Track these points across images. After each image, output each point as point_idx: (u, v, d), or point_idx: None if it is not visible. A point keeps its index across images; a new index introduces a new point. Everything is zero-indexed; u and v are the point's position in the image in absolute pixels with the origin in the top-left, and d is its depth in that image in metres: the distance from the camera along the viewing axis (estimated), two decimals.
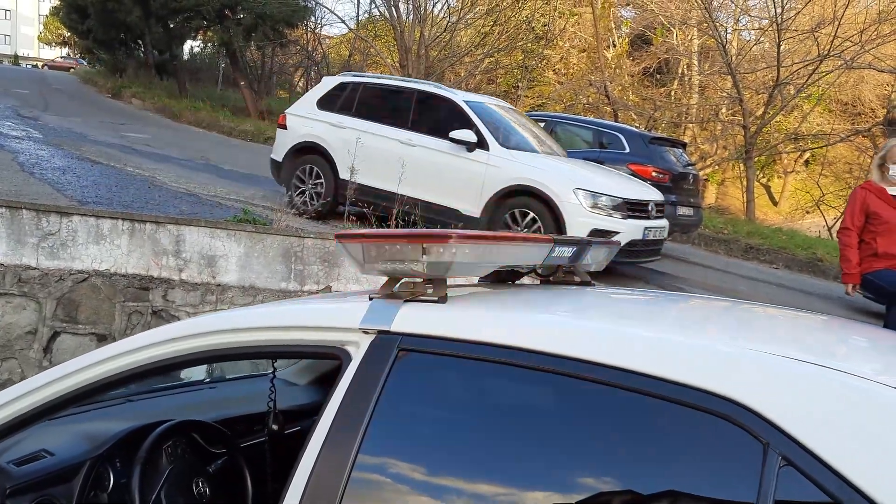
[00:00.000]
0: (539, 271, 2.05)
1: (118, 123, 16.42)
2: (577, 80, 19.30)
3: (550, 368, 1.37)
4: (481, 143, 7.29)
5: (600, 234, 6.56)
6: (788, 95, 12.47)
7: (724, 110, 14.65)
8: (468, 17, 19.79)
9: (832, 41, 12.03)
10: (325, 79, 9.09)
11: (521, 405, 1.48)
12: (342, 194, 7.81)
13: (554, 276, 2.08)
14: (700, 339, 1.46)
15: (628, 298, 2.06)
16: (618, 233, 6.74)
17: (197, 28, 24.81)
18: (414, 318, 1.51)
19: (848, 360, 1.46)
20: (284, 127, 8.74)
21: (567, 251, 1.90)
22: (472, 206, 7.23)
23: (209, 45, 28.39)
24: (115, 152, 11.53)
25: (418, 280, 1.57)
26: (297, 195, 8.36)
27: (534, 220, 6.91)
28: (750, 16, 14.89)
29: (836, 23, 12.07)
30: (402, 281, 1.60)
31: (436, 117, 7.80)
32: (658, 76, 18.73)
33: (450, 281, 1.63)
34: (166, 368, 1.80)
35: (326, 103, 8.53)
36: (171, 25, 23.75)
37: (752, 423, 1.15)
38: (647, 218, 7.15)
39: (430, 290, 1.56)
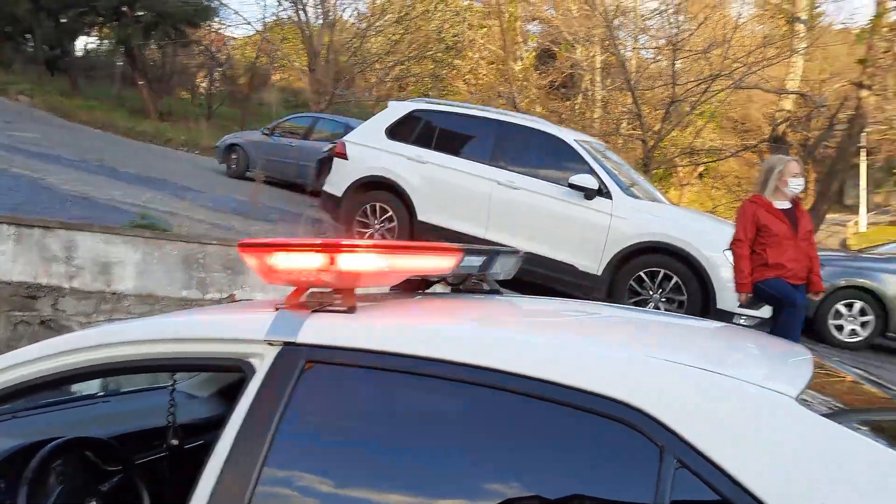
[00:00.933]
0: (449, 280, 2.06)
1: (3, 121, 15.43)
2: (487, 90, 19.60)
3: (458, 377, 1.38)
4: (601, 191, 6.42)
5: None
6: (683, 112, 13.11)
7: (624, 124, 15.24)
8: (378, 24, 19.75)
9: (723, 62, 12.75)
10: (392, 104, 8.04)
11: (430, 415, 1.48)
12: (419, 238, 6.97)
13: (464, 285, 2.11)
14: (600, 345, 1.51)
15: (534, 307, 2.11)
16: None
17: (91, 24, 23.68)
18: (322, 329, 1.49)
19: (739, 365, 1.54)
20: (344, 156, 7.63)
21: (476, 260, 1.93)
22: (591, 262, 6.39)
23: (105, 42, 27.12)
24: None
25: (326, 290, 1.55)
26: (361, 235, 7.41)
27: (672, 282, 6.08)
28: (648, 35, 15.59)
29: (727, 45, 12.80)
30: (310, 291, 1.57)
31: (542, 157, 6.95)
32: (563, 90, 19.27)
33: (361, 290, 1.62)
34: (56, 383, 1.71)
35: (398, 133, 7.46)
36: (63, 20, 22.56)
37: (649, 428, 1.20)
38: None
39: (338, 300, 1.54)
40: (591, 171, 6.51)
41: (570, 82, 18.76)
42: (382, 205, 7.32)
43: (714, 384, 1.24)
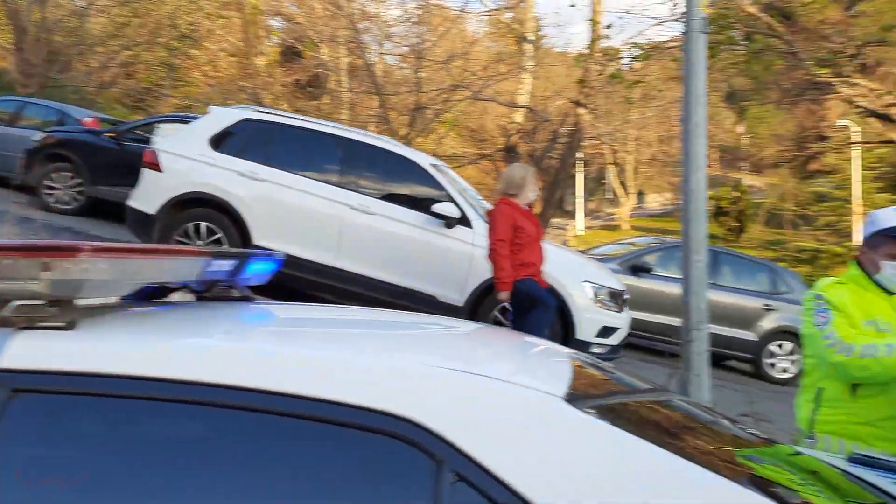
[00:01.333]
0: (194, 287, 1.85)
1: None
2: (228, 84, 18.75)
3: (205, 400, 1.22)
4: (463, 220, 6.17)
5: (606, 333, 6.08)
6: (428, 119, 13.65)
7: (372, 128, 15.50)
8: (100, 3, 18.04)
9: (462, 73, 13.52)
10: (215, 110, 7.06)
11: (171, 444, 1.28)
12: None
13: (211, 292, 1.90)
14: (363, 354, 1.42)
15: (291, 315, 1.96)
16: (619, 329, 6.16)
17: None
18: (32, 351, 1.25)
19: (508, 368, 1.54)
20: (156, 167, 6.53)
21: (226, 265, 1.74)
22: (454, 293, 6.12)
23: None
24: None
25: (38, 302, 1.29)
26: None
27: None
28: (393, 42, 15.97)
29: (465, 58, 13.60)
30: (16, 304, 1.30)
31: (395, 181, 6.54)
32: (311, 89, 19.06)
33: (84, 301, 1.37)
34: None
35: (225, 144, 6.57)
36: None
37: (424, 440, 1.14)
38: (626, 307, 6.53)
39: (54, 315, 1.29)
40: (451, 199, 6.31)
41: (316, 81, 18.62)
42: (209, 225, 6.48)
43: (487, 389, 1.21)
